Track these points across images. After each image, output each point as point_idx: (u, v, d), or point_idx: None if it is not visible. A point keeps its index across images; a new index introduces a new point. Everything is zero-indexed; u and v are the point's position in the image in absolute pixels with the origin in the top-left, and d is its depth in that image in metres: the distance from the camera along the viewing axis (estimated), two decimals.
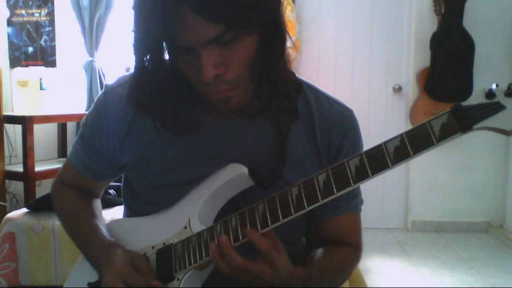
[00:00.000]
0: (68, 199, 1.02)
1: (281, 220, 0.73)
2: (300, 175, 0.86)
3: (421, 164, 3.59)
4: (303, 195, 0.72)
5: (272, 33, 0.76)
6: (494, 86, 0.64)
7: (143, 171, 0.90)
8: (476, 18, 3.44)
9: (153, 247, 0.86)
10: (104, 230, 0.94)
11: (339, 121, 0.90)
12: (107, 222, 0.97)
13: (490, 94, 0.64)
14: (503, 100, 0.63)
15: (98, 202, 1.06)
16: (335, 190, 0.70)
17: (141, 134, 0.89)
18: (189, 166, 0.87)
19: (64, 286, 0.98)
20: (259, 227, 0.74)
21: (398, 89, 3.65)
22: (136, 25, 0.72)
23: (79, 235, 0.97)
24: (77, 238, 0.97)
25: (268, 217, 0.74)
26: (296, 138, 0.87)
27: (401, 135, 0.67)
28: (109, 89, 0.93)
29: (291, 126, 0.86)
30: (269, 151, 0.85)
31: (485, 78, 3.45)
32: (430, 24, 3.49)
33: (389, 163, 0.67)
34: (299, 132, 0.88)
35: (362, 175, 0.68)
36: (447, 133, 0.64)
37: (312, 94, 0.91)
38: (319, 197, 0.71)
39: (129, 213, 1.00)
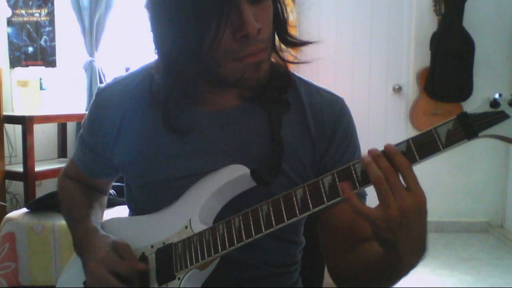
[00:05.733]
0: (68, 190, 1.05)
1: (285, 221, 0.73)
2: (298, 167, 0.87)
3: (421, 164, 3.54)
4: (308, 197, 0.72)
5: (276, 5, 0.82)
6: (497, 96, 0.66)
7: (136, 170, 0.90)
8: (476, 18, 3.44)
9: (152, 246, 0.85)
10: (92, 218, 0.95)
11: (329, 108, 0.91)
12: (105, 220, 0.97)
13: (494, 103, 0.65)
14: (507, 109, 0.65)
15: (101, 197, 1.07)
16: (340, 193, 0.70)
17: (132, 133, 0.90)
18: (182, 162, 0.86)
19: (57, 285, 0.98)
20: (263, 228, 0.74)
21: (398, 89, 3.65)
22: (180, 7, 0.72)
23: (71, 222, 0.99)
24: (70, 224, 1.00)
25: (273, 218, 0.74)
26: (289, 130, 0.87)
27: (407, 140, 0.68)
28: (101, 90, 0.95)
29: (283, 118, 0.86)
30: (263, 143, 0.85)
31: (485, 78, 3.45)
32: (430, 24, 3.49)
33: None
34: (292, 124, 0.88)
35: (368, 179, 0.69)
36: (453, 139, 0.67)
37: (301, 85, 0.92)
38: (325, 199, 0.71)
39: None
